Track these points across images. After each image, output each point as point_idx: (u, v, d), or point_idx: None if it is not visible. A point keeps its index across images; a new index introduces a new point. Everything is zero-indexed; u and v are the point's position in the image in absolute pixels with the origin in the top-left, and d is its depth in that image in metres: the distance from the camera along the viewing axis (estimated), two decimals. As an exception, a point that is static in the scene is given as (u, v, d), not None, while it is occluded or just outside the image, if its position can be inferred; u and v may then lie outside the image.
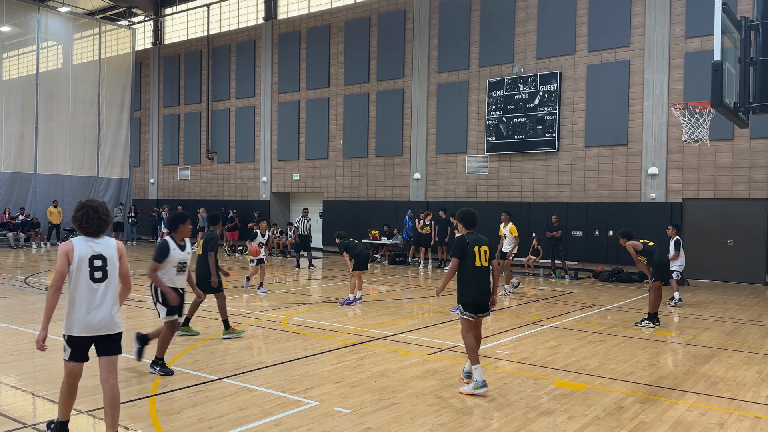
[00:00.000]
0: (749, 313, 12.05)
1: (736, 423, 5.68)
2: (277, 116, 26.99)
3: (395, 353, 8.10)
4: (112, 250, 4.71)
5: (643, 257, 10.60)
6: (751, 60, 9.65)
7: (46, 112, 27.59)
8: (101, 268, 4.61)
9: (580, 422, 5.60)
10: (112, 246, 4.73)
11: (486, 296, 6.57)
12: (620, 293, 14.73)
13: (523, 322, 10.55)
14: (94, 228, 4.66)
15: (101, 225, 4.68)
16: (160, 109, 31.92)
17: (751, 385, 6.95)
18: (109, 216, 4.76)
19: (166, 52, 31.63)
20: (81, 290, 4.59)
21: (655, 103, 18.16)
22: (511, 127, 20.51)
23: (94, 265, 4.59)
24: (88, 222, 4.65)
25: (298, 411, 5.74)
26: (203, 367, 7.25)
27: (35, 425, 5.34)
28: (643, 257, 10.60)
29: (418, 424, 5.46)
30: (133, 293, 13.28)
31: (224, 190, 29.00)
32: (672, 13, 18.04)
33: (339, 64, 24.98)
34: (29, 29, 27.80)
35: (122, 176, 30.04)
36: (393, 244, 21.91)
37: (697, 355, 8.42)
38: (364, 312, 11.31)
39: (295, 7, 27.03)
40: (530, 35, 20.45)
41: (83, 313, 4.60)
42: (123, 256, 4.79)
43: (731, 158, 17.17)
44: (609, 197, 18.96)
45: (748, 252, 16.94)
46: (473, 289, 6.48)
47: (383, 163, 23.75)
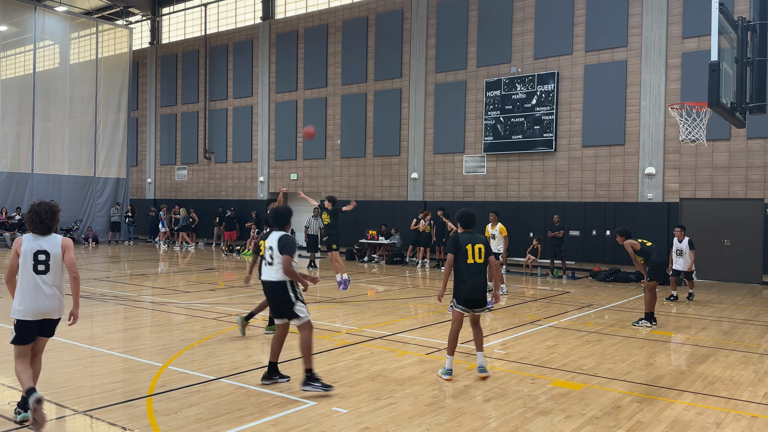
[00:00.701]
0: (746, 313, 12.08)
1: (733, 422, 5.69)
2: (274, 116, 26.97)
3: (393, 353, 8.10)
4: (56, 247, 5.38)
5: (641, 257, 10.51)
6: (748, 60, 9.68)
7: (43, 111, 27.53)
8: (43, 262, 5.29)
9: (577, 422, 5.61)
10: (56, 243, 5.40)
11: (479, 291, 6.91)
12: (617, 293, 14.75)
13: (521, 321, 10.55)
14: (38, 228, 5.35)
15: (44, 227, 5.35)
16: (157, 108, 31.88)
17: (747, 384, 6.96)
18: (52, 218, 5.39)
19: (164, 52, 31.59)
20: (26, 280, 5.26)
21: (652, 103, 18.19)
22: (509, 127, 20.53)
23: (38, 259, 5.28)
24: (32, 223, 5.37)
25: (296, 411, 5.74)
26: (201, 366, 7.24)
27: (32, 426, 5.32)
28: (641, 257, 10.51)
29: (416, 424, 5.46)
30: (130, 293, 13.28)
31: (221, 189, 28.98)
32: (669, 14, 18.07)
33: (336, 63, 24.98)
34: (26, 28, 27.74)
35: (119, 176, 29.99)
36: (390, 244, 21.91)
37: (694, 354, 8.44)
38: (362, 312, 11.31)
39: (293, 6, 27.02)
40: (528, 35, 20.47)
41: (29, 300, 5.24)
42: (67, 249, 5.43)
43: (728, 158, 17.20)
44: (606, 197, 18.98)
45: (745, 252, 16.98)
46: (465, 284, 6.90)
47: (381, 163, 23.75)
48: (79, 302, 5.62)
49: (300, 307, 6.28)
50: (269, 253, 6.34)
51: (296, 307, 6.26)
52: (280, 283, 6.26)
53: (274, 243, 6.31)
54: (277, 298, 6.31)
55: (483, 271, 6.96)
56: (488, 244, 7.13)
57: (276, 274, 6.27)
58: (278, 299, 6.30)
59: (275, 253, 6.28)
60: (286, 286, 6.25)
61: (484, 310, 7.04)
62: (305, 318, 6.30)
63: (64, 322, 5.54)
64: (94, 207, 28.99)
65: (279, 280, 6.25)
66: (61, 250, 5.39)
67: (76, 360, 7.51)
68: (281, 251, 6.23)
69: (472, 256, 6.88)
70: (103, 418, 5.48)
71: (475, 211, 7.32)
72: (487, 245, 7.02)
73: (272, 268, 6.30)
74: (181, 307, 11.51)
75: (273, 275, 6.30)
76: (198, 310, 11.08)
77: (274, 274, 6.29)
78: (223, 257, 22.72)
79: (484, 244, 6.98)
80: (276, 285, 6.29)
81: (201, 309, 11.24)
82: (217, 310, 11.17)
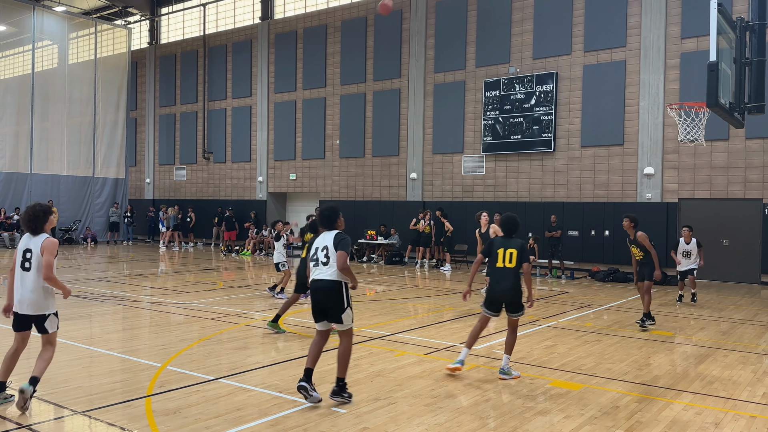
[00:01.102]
0: (745, 313, 12.09)
1: (732, 422, 5.70)
2: (273, 116, 26.97)
3: (392, 353, 8.10)
4: (38, 246, 5.69)
5: (642, 254, 10.28)
6: (746, 60, 9.69)
7: (41, 111, 27.51)
8: (28, 260, 5.69)
9: (576, 422, 5.61)
10: (38, 242, 5.71)
11: (504, 296, 7.06)
12: (616, 293, 14.76)
13: (519, 321, 10.54)
14: (27, 227, 5.77)
15: (32, 226, 5.74)
16: (156, 108, 31.86)
17: (746, 384, 6.97)
18: (39, 219, 5.75)
19: (163, 52, 31.57)
20: (16, 275, 5.75)
21: (651, 104, 18.20)
22: (508, 127, 20.53)
23: (24, 257, 5.71)
24: (23, 223, 5.80)
25: (295, 411, 5.74)
26: (200, 367, 7.23)
27: (30, 426, 5.32)
28: (642, 254, 10.28)
29: (415, 424, 5.46)
30: (129, 293, 13.26)
31: (220, 190, 28.97)
32: (668, 14, 18.09)
33: (335, 63, 24.97)
34: (25, 28, 27.72)
35: (118, 176, 29.98)
36: (389, 244, 21.91)
37: (692, 354, 8.44)
38: (361, 312, 11.30)
39: (292, 6, 27.02)
40: (526, 35, 20.48)
41: (17, 294, 5.72)
42: (45, 251, 5.67)
43: (727, 158, 17.22)
44: (605, 197, 18.99)
45: (744, 252, 16.99)
46: (492, 287, 7.20)
47: (380, 163, 23.75)
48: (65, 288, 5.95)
49: (349, 313, 6.04)
50: (324, 253, 6.11)
51: (345, 313, 6.00)
52: (336, 283, 6.01)
53: (330, 241, 6.10)
54: (329, 299, 6.01)
55: (512, 276, 7.03)
56: (523, 249, 7.11)
57: (334, 274, 6.03)
58: (330, 300, 6.01)
59: (331, 251, 6.06)
60: (342, 288, 6.02)
61: (519, 315, 7.10)
62: (349, 325, 6.06)
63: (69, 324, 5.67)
64: (93, 207, 28.97)
65: (335, 279, 6.02)
66: (40, 249, 5.68)
67: (75, 360, 7.50)
68: (337, 247, 6.02)
69: (503, 260, 7.03)
70: (102, 419, 5.48)
71: (517, 216, 7.41)
72: (520, 250, 7.06)
73: (327, 267, 6.05)
74: (180, 307, 11.51)
75: (328, 275, 6.05)
76: (197, 311, 11.08)
77: (329, 274, 6.05)
78: (222, 257, 22.71)
79: (517, 249, 7.06)
80: (331, 285, 6.01)
81: (200, 309, 11.23)
82: (216, 310, 11.17)
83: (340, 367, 6.03)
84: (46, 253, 5.64)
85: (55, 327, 5.83)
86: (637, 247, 10.29)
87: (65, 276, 16.39)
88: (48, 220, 5.79)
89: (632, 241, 10.35)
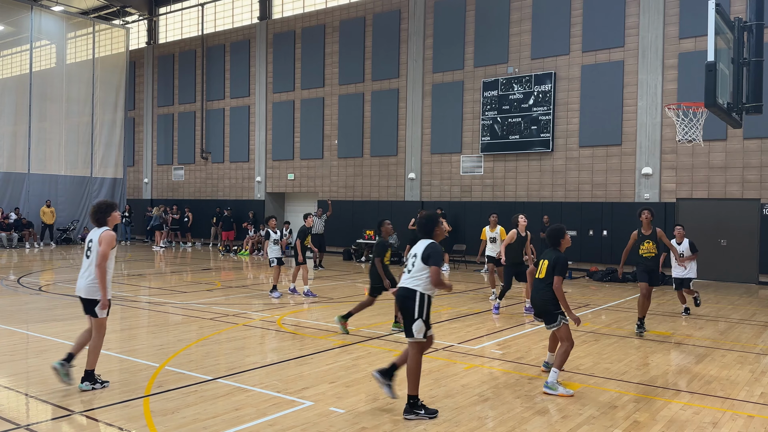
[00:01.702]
0: (742, 313, 12.11)
1: (730, 422, 5.70)
2: (271, 116, 26.95)
3: (390, 353, 8.09)
4: (96, 237, 6.38)
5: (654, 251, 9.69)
6: (744, 61, 9.70)
7: (39, 111, 27.48)
8: (90, 249, 6.40)
9: (574, 421, 5.61)
10: (97, 234, 6.39)
11: (535, 306, 6.86)
12: (614, 293, 14.77)
13: (518, 321, 10.56)
14: (92, 220, 6.50)
15: (96, 219, 6.45)
16: (154, 108, 31.83)
17: (744, 384, 6.98)
18: (101, 212, 6.43)
19: (161, 52, 31.54)
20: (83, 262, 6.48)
21: (649, 104, 18.22)
22: (506, 127, 20.54)
23: (87, 246, 6.45)
24: (90, 216, 6.58)
25: (293, 411, 5.74)
26: (198, 367, 7.23)
27: (29, 426, 5.32)
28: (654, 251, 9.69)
29: (413, 424, 5.46)
30: (126, 293, 13.25)
31: (219, 189, 28.95)
32: (666, 14, 18.11)
33: (334, 63, 24.97)
34: (22, 28, 27.68)
35: (116, 176, 29.95)
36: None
37: (690, 354, 8.45)
38: (360, 312, 11.29)
39: (290, 6, 27.01)
40: (525, 35, 20.49)
41: (79, 280, 6.40)
42: (102, 242, 6.29)
43: (724, 158, 17.24)
44: (603, 197, 19.01)
45: (742, 252, 17.02)
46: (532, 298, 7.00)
47: (378, 163, 23.75)
48: (105, 291, 6.21)
49: (419, 325, 5.81)
50: (411, 261, 6.00)
51: (414, 324, 5.80)
52: (411, 291, 5.87)
53: (420, 251, 5.97)
54: (403, 306, 5.92)
55: (542, 288, 6.70)
56: (556, 261, 6.68)
57: (411, 282, 5.90)
58: (403, 309, 5.91)
59: (417, 261, 5.93)
60: (415, 298, 5.83)
61: (552, 327, 6.67)
62: (417, 338, 5.82)
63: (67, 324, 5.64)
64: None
65: (411, 288, 5.88)
66: (98, 240, 6.33)
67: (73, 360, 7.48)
68: (427, 261, 5.86)
69: (539, 272, 6.80)
70: (100, 419, 5.47)
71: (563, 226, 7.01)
72: (552, 262, 6.68)
73: (409, 276, 5.95)
74: (178, 307, 11.50)
75: (408, 282, 5.94)
76: (195, 311, 11.07)
77: (409, 282, 5.93)
78: (220, 257, 22.69)
79: (549, 260, 6.72)
80: (407, 293, 5.89)
81: (198, 309, 11.22)
82: (215, 310, 11.16)
83: (409, 383, 5.75)
84: (103, 243, 6.27)
85: (104, 314, 6.31)
86: (652, 243, 9.58)
87: (64, 276, 16.38)
88: (110, 215, 6.43)
89: (647, 236, 9.62)
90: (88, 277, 6.28)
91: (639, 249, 9.70)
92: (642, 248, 9.67)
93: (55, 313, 10.81)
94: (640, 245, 9.67)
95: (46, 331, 9.10)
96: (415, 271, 5.92)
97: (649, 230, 9.64)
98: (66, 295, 12.71)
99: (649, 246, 9.61)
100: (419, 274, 5.87)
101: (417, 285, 5.84)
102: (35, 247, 25.39)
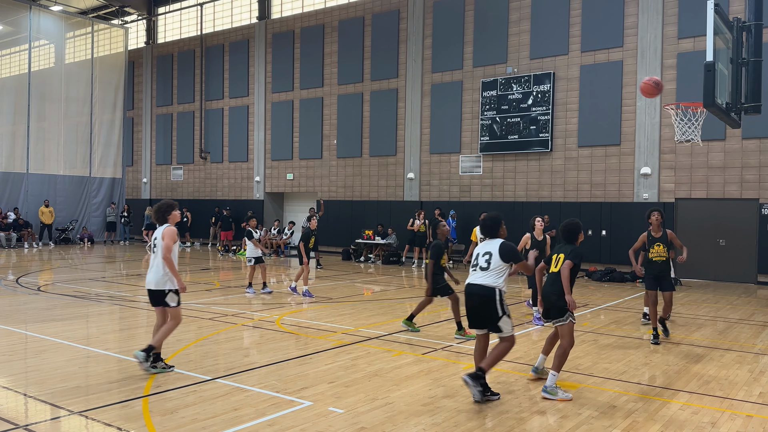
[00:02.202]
0: (741, 313, 12.12)
1: (728, 422, 5.71)
2: (270, 116, 26.95)
3: (389, 353, 8.10)
4: (159, 234, 6.99)
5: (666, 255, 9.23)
6: (743, 60, 9.71)
7: (38, 111, 27.45)
8: (155, 246, 6.97)
9: (573, 421, 5.61)
10: (160, 231, 7.01)
11: (545, 300, 6.54)
12: (613, 293, 14.78)
13: (516, 321, 10.56)
14: (155, 219, 7.15)
15: (158, 217, 7.09)
16: (153, 108, 31.81)
17: (743, 383, 6.98)
18: (162, 212, 7.07)
19: (159, 52, 31.52)
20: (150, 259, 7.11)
21: (647, 104, 18.23)
22: (505, 127, 20.55)
23: (153, 243, 7.05)
24: (153, 216, 7.18)
25: (292, 411, 5.74)
26: (197, 367, 7.22)
27: (27, 426, 5.31)
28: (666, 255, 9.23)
29: (412, 424, 5.46)
30: (126, 293, 13.24)
31: (217, 189, 28.94)
32: (665, 14, 18.12)
33: (333, 63, 24.97)
34: (21, 28, 27.66)
35: (115, 176, 29.93)
36: (387, 244, 21.91)
37: (689, 354, 8.46)
38: (358, 312, 11.31)
39: (289, 6, 27.00)
40: (524, 35, 20.49)
41: (147, 274, 7.04)
42: (165, 236, 6.93)
43: (723, 158, 17.25)
44: (602, 197, 19.02)
45: (740, 251, 17.04)
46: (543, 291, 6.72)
47: (377, 163, 23.75)
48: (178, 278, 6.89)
49: (506, 321, 5.96)
50: (485, 258, 6.04)
51: (501, 322, 5.94)
52: (490, 290, 5.91)
53: (495, 249, 6.02)
54: (482, 307, 5.94)
55: (556, 280, 6.51)
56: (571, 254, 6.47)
57: (489, 279, 5.94)
58: (483, 309, 5.93)
59: (494, 259, 6.00)
60: (495, 296, 5.89)
61: (558, 323, 6.44)
62: (508, 333, 6.00)
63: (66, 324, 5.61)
64: (90, 207, 28.92)
65: (490, 286, 5.93)
66: (161, 236, 6.90)
67: (72, 360, 7.49)
68: (509, 259, 5.97)
69: (552, 266, 6.64)
70: (99, 419, 5.47)
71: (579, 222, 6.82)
72: (567, 255, 6.47)
73: (485, 273, 5.98)
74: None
75: (484, 280, 5.96)
76: (194, 311, 11.06)
77: (485, 280, 5.95)
78: (219, 257, 22.68)
79: (565, 253, 6.53)
80: (484, 291, 5.93)
81: (197, 309, 11.22)
82: (213, 310, 11.15)
83: (489, 359, 6.07)
84: (166, 237, 6.89)
85: (174, 302, 6.94)
86: (663, 246, 9.11)
87: (63, 276, 16.36)
88: (171, 214, 7.05)
89: (658, 239, 9.17)
90: (156, 271, 6.87)
91: (649, 252, 9.23)
92: (652, 251, 9.19)
93: (54, 313, 10.80)
94: (650, 248, 9.21)
95: (44, 331, 9.09)
96: (492, 269, 6.06)
97: (660, 232, 9.21)
98: (65, 295, 12.70)
99: (660, 249, 9.13)
100: (497, 272, 6.06)
101: (496, 282, 6.02)
102: (34, 247, 25.37)
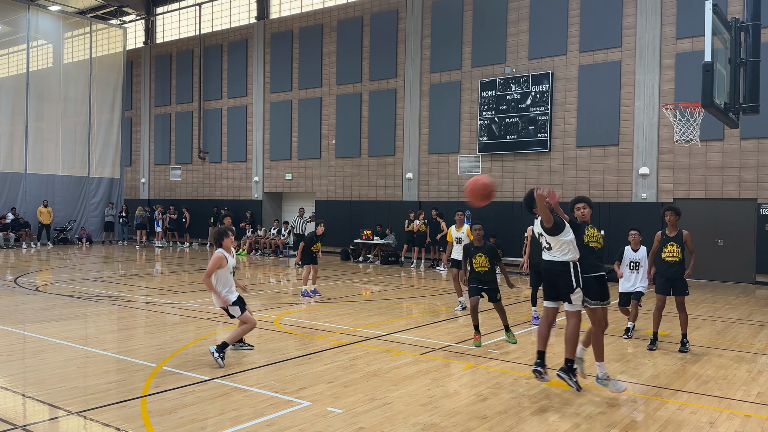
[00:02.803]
0: (739, 312, 12.13)
1: (727, 421, 5.71)
2: (269, 116, 26.94)
3: (388, 353, 8.10)
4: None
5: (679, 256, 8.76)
6: (741, 61, 9.71)
7: (36, 111, 27.42)
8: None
9: (572, 421, 5.62)
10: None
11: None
12: (612, 293, 14.74)
13: (515, 321, 10.56)
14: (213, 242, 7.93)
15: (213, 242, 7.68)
16: (151, 108, 31.79)
17: (741, 383, 6.99)
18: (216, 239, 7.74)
19: (158, 52, 31.50)
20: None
21: (646, 104, 18.25)
22: (503, 127, 20.56)
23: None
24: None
25: (291, 411, 5.73)
26: (195, 367, 7.22)
27: (26, 426, 5.30)
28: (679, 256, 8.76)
29: (411, 424, 5.46)
30: (124, 293, 13.23)
31: (216, 189, 28.92)
32: (663, 14, 18.14)
33: (331, 63, 24.96)
34: (19, 28, 27.63)
35: (113, 176, 29.90)
36: (385, 244, 21.92)
37: (687, 354, 8.46)
38: (357, 312, 11.31)
39: (288, 6, 27.00)
40: (522, 36, 20.51)
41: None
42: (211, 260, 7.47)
43: (721, 158, 17.27)
44: (600, 197, 19.03)
45: (739, 251, 17.06)
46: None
47: (376, 163, 23.75)
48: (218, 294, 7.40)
49: (578, 294, 6.24)
50: (544, 239, 6.34)
51: (574, 294, 6.22)
52: (563, 263, 6.23)
53: (542, 229, 6.33)
54: (559, 279, 6.26)
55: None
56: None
57: (558, 255, 6.25)
58: (561, 280, 6.25)
59: (548, 238, 6.28)
60: (569, 269, 6.23)
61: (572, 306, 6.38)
62: (578, 306, 6.28)
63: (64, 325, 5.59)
64: (88, 207, 28.88)
65: (564, 260, 6.23)
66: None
67: (70, 360, 7.48)
68: (555, 232, 6.20)
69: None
70: (97, 419, 5.46)
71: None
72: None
73: (553, 251, 6.29)
74: (176, 307, 11.48)
75: (555, 256, 6.27)
76: (192, 311, 11.06)
77: (557, 255, 6.26)
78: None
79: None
80: (560, 266, 6.24)
81: (195, 309, 11.21)
82: (212, 310, 11.14)
83: (568, 347, 6.23)
84: (210, 262, 7.39)
85: (238, 313, 7.45)
86: (677, 246, 8.62)
87: (61, 276, 16.34)
88: (223, 240, 7.61)
89: (672, 239, 8.67)
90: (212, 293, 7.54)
91: (661, 252, 8.73)
92: (665, 251, 8.68)
93: (52, 313, 10.79)
94: (663, 248, 8.71)
95: (42, 331, 9.08)
96: (556, 246, 6.26)
97: (674, 232, 8.69)
98: (63, 295, 12.69)
99: (673, 249, 8.63)
100: (562, 246, 6.23)
101: (565, 255, 6.22)
102: (32, 247, 25.34)
